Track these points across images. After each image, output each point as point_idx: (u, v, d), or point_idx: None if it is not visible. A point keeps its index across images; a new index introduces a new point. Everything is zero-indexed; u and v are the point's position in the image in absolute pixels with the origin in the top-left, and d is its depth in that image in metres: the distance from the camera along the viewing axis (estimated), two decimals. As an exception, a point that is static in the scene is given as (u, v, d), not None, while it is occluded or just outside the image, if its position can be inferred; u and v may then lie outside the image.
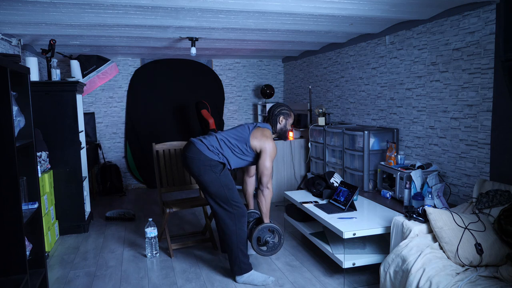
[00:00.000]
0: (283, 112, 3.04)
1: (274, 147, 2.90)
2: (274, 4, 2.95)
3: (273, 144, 2.90)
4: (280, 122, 3.04)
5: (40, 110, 3.75)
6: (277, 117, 3.03)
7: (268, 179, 2.88)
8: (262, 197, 2.90)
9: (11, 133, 2.03)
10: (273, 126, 3.05)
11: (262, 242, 2.93)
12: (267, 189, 2.89)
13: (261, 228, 2.91)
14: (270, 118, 3.06)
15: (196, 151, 2.83)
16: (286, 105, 3.10)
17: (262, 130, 2.96)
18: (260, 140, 2.89)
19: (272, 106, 3.10)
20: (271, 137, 2.95)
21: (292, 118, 3.10)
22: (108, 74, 4.93)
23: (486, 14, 2.83)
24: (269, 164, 2.87)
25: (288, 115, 3.06)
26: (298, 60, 6.19)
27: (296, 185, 5.21)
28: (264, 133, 2.93)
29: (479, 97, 2.92)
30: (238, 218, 2.85)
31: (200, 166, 2.81)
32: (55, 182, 3.90)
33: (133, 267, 3.25)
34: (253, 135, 2.91)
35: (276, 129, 3.06)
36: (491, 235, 2.29)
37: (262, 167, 2.87)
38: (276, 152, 2.92)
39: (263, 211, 2.94)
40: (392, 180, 3.44)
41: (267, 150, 2.87)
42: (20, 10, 2.95)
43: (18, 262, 2.10)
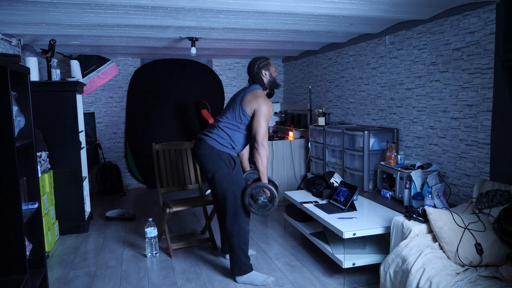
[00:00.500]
0: (262, 66, 2.94)
1: (267, 104, 2.82)
2: (274, 4, 2.95)
3: (265, 101, 2.82)
4: (264, 75, 2.94)
5: (40, 110, 3.75)
6: (259, 73, 2.94)
7: (262, 137, 2.80)
8: (258, 156, 2.82)
9: (11, 133, 2.03)
10: (261, 84, 2.96)
11: (254, 199, 2.84)
12: (263, 146, 2.80)
13: (256, 186, 2.83)
14: (254, 78, 2.96)
15: (208, 147, 2.84)
16: (260, 57, 2.99)
17: (252, 93, 2.87)
18: (252, 102, 2.82)
19: (248, 68, 2.98)
20: (263, 96, 2.86)
21: (273, 65, 2.99)
22: (108, 74, 4.93)
23: (486, 14, 2.83)
24: (263, 122, 2.79)
25: (267, 65, 2.95)
26: (298, 60, 6.19)
27: (296, 185, 5.21)
28: (255, 94, 2.85)
29: (479, 97, 2.92)
30: (241, 218, 2.85)
31: (215, 162, 2.82)
32: (55, 182, 3.90)
33: (133, 267, 3.25)
34: (245, 103, 2.83)
35: (265, 85, 2.97)
36: (491, 235, 2.29)
37: (256, 125, 2.80)
38: (271, 109, 2.84)
39: (260, 170, 2.86)
40: (392, 180, 3.44)
41: (260, 108, 2.79)
42: (20, 10, 2.95)
43: (18, 262, 2.09)
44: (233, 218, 2.84)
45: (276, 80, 3.02)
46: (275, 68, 3.02)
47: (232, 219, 2.84)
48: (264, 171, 2.87)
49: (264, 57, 3.00)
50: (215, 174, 2.83)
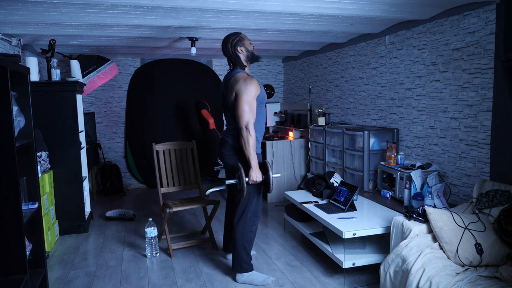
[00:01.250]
0: (235, 43, 2.79)
1: (247, 84, 2.65)
2: (274, 4, 2.95)
3: (244, 82, 2.66)
4: (240, 52, 2.80)
5: (40, 110, 3.75)
6: (235, 52, 2.79)
7: (246, 122, 2.63)
8: (241, 139, 2.67)
9: (11, 133, 2.03)
10: (238, 62, 2.81)
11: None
12: (246, 130, 2.64)
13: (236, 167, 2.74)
14: (231, 58, 2.82)
15: (230, 147, 2.85)
16: (231, 34, 2.84)
17: (233, 80, 2.74)
18: (233, 88, 2.70)
19: (222, 48, 2.83)
20: (243, 77, 2.70)
21: (246, 38, 2.84)
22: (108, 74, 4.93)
23: (486, 14, 2.83)
24: (244, 105, 2.63)
25: (240, 40, 2.80)
26: (298, 60, 6.19)
27: (296, 185, 5.21)
28: (236, 79, 2.72)
29: (479, 97, 2.92)
30: (249, 217, 2.85)
31: (236, 159, 2.81)
32: (55, 182, 3.90)
33: (133, 267, 3.25)
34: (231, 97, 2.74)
35: (243, 62, 2.82)
36: (491, 235, 2.29)
37: (236, 110, 2.66)
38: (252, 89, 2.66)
39: (246, 154, 2.68)
40: (392, 180, 3.44)
41: (239, 91, 2.66)
42: (20, 10, 2.95)
43: (18, 262, 2.10)
44: (241, 215, 2.85)
45: (254, 52, 2.86)
46: (249, 41, 2.86)
47: (240, 216, 2.85)
48: (251, 154, 2.68)
49: (236, 33, 2.85)
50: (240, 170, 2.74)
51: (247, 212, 2.85)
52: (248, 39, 2.87)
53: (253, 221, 2.89)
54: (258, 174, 2.72)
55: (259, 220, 2.97)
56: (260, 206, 2.93)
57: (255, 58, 2.87)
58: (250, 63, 2.89)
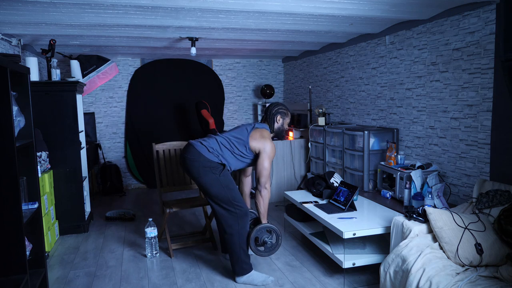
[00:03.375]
0: (280, 112, 3.08)
1: (273, 147, 2.93)
2: (274, 4, 2.95)
3: (271, 144, 2.92)
4: (277, 121, 3.07)
5: (40, 110, 3.75)
6: (274, 116, 3.07)
7: (266, 180, 2.89)
8: (260, 198, 2.91)
9: (11, 133, 2.03)
10: (271, 125, 3.07)
11: (260, 242, 2.93)
12: (265, 189, 2.90)
13: (259, 229, 2.91)
14: (268, 118, 3.09)
15: (196, 153, 2.83)
16: (283, 105, 3.13)
17: (260, 131, 2.97)
18: (259, 141, 2.91)
19: (269, 105, 3.12)
20: (269, 138, 2.97)
21: (289, 117, 3.15)
22: (108, 74, 4.93)
23: (486, 14, 2.83)
24: (267, 165, 2.89)
25: (285, 114, 3.10)
26: (298, 60, 6.19)
27: (296, 185, 5.21)
28: (263, 134, 2.95)
29: (479, 97, 2.92)
30: (240, 218, 2.85)
31: (200, 168, 2.81)
32: (55, 182, 3.90)
33: (133, 267, 3.25)
34: (252, 137, 2.92)
35: (273, 129, 3.08)
36: (491, 235, 2.29)
37: (260, 168, 2.88)
38: (275, 152, 2.95)
39: (261, 211, 2.95)
40: (392, 180, 3.44)
41: (266, 150, 2.89)
42: (20, 10, 2.95)
43: (18, 262, 2.10)
44: (231, 219, 2.84)
45: (284, 132, 3.14)
46: (289, 121, 3.16)
47: (229, 220, 2.84)
48: (265, 213, 2.95)
49: (286, 107, 3.13)
50: (201, 180, 2.83)
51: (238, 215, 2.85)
52: (290, 118, 3.16)
53: (247, 221, 2.90)
54: None
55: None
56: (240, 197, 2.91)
57: (281, 136, 3.16)
58: (275, 136, 3.13)
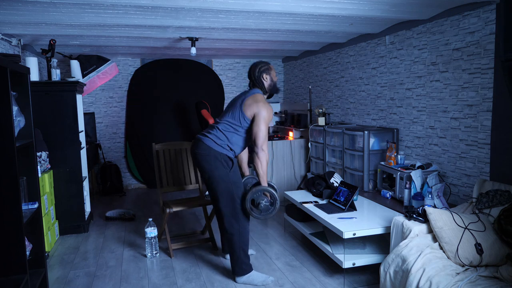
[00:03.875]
0: (263, 70, 2.96)
1: (268, 109, 2.84)
2: (274, 4, 2.95)
3: (265, 106, 2.84)
4: (265, 79, 2.97)
5: (40, 110, 3.75)
6: (260, 77, 2.96)
7: (262, 141, 2.81)
8: (258, 160, 2.83)
9: (11, 133, 2.03)
10: (261, 88, 2.98)
11: (255, 204, 2.86)
12: (262, 151, 2.81)
13: (256, 191, 2.85)
14: (255, 82, 2.99)
15: (206, 147, 2.84)
16: (262, 62, 3.02)
17: (253, 97, 2.88)
18: (252, 106, 2.83)
19: (249, 71, 3.00)
20: (263, 100, 2.88)
21: (273, 69, 3.02)
22: (108, 74, 4.93)
23: (486, 14, 2.83)
24: (263, 126, 2.81)
25: (268, 69, 2.98)
26: (298, 60, 6.19)
27: (296, 185, 5.21)
28: (255, 98, 2.87)
29: (479, 97, 2.92)
30: (241, 217, 2.86)
31: (212, 162, 2.81)
32: (55, 182, 3.90)
33: (133, 267, 3.25)
34: (246, 106, 2.85)
35: (265, 89, 2.99)
36: (491, 235, 2.29)
37: (256, 129, 2.81)
38: (271, 114, 2.86)
39: (260, 173, 2.86)
40: (392, 180, 3.44)
41: (260, 113, 2.81)
42: (20, 10, 2.95)
43: (18, 262, 2.09)
44: (233, 217, 2.84)
45: (276, 84, 3.05)
46: (275, 73, 3.05)
47: (231, 219, 2.85)
48: (264, 175, 2.88)
49: (265, 62, 3.02)
50: (212, 174, 2.83)
51: (239, 215, 2.85)
52: (275, 71, 3.04)
53: (246, 220, 2.90)
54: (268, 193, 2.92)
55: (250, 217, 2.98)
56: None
57: (275, 90, 3.05)
58: (269, 94, 3.04)
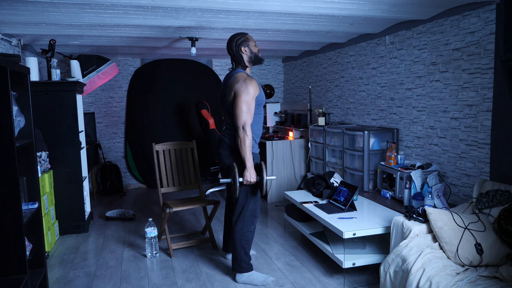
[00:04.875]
0: (240, 42, 2.81)
1: (246, 84, 2.67)
2: (274, 4, 2.95)
3: (244, 82, 2.67)
4: (244, 52, 2.83)
5: (40, 110, 3.75)
6: (238, 51, 2.82)
7: (243, 122, 2.64)
8: (238, 139, 2.67)
9: (11, 133, 2.03)
10: (241, 62, 2.84)
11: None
12: (242, 130, 2.65)
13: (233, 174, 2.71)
14: (234, 57, 2.85)
15: (227, 146, 2.86)
16: (237, 33, 2.87)
17: (233, 80, 2.75)
18: (232, 88, 2.72)
19: (227, 47, 2.87)
20: (243, 77, 2.72)
21: (252, 39, 2.86)
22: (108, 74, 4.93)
23: (486, 14, 2.83)
24: (242, 105, 2.65)
25: (245, 40, 2.82)
26: (298, 60, 6.19)
27: (296, 185, 5.21)
28: (236, 79, 2.73)
29: (479, 97, 2.92)
30: (247, 217, 2.86)
31: (232, 159, 2.82)
32: (55, 182, 3.90)
33: (133, 267, 3.25)
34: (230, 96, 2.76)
35: (246, 62, 2.85)
36: (491, 235, 2.29)
37: (234, 109, 2.67)
38: (251, 89, 2.67)
39: (242, 154, 2.69)
40: (392, 180, 3.44)
41: (238, 90, 2.67)
42: (20, 10, 2.95)
43: (18, 262, 2.10)
44: (239, 215, 2.85)
45: (259, 54, 2.88)
46: (255, 43, 2.88)
47: (238, 215, 2.85)
48: (247, 154, 2.68)
49: (242, 33, 2.87)
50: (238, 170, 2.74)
51: (245, 212, 2.85)
52: (254, 40, 2.89)
53: (251, 221, 2.89)
54: (253, 175, 2.72)
55: (258, 220, 2.97)
56: (258, 206, 2.92)
57: (258, 60, 2.89)
58: (253, 65, 2.92)
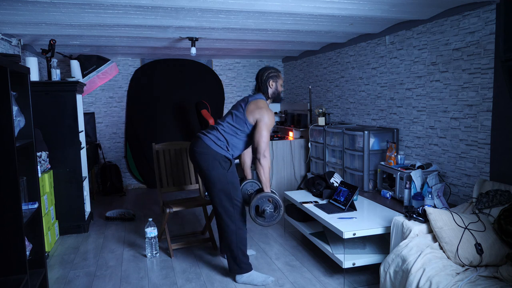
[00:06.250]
0: (271, 76, 2.99)
1: (270, 115, 2.86)
2: (274, 4, 2.95)
3: (268, 113, 2.86)
4: (270, 86, 2.99)
5: (40, 110, 3.75)
6: (266, 82, 2.99)
7: (265, 147, 2.83)
8: (260, 167, 2.84)
9: (11, 133, 2.03)
10: (265, 92, 3.00)
11: (260, 211, 2.84)
12: (264, 157, 2.83)
13: (260, 197, 2.83)
14: (260, 86, 3.01)
15: (205, 146, 2.84)
16: (272, 68, 3.05)
17: (255, 102, 2.91)
18: (255, 112, 2.86)
19: (258, 73, 3.03)
20: (266, 106, 2.90)
21: (281, 78, 3.06)
22: (108, 74, 4.93)
23: (486, 14, 2.83)
24: (265, 133, 2.83)
25: (276, 76, 3.01)
26: (298, 60, 6.19)
27: (296, 185, 5.21)
28: (258, 105, 2.89)
29: (479, 97, 2.92)
30: (238, 217, 2.86)
31: (210, 161, 2.82)
32: (55, 182, 3.90)
33: (133, 267, 3.25)
34: (248, 111, 2.87)
35: (268, 95, 3.01)
36: (491, 235, 2.29)
37: (258, 136, 2.83)
38: (273, 121, 2.89)
39: (263, 180, 2.87)
40: (392, 180, 3.44)
41: (263, 119, 2.83)
42: (20, 10, 2.95)
43: (18, 262, 2.10)
44: (229, 218, 2.85)
45: (280, 94, 3.09)
46: (282, 82, 3.09)
47: (227, 219, 2.85)
48: (267, 182, 2.89)
49: (276, 69, 3.06)
50: (209, 173, 2.83)
51: (235, 214, 2.85)
52: (282, 80, 3.09)
53: (243, 220, 2.90)
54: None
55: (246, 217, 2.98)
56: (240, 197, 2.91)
57: (278, 99, 3.12)
58: (272, 101, 3.08)
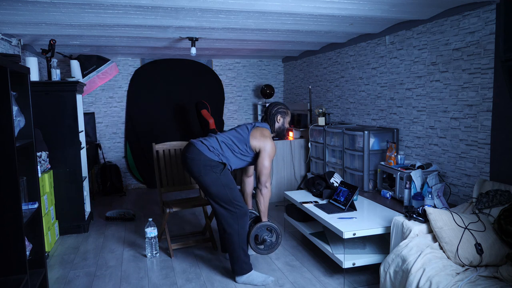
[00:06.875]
0: (280, 111, 3.08)
1: (273, 146, 2.93)
2: (274, 4, 2.95)
3: (272, 143, 2.93)
4: (277, 121, 3.08)
5: (40, 110, 3.75)
6: (274, 116, 3.07)
7: (266, 178, 2.90)
8: (261, 196, 2.92)
9: (11, 133, 2.03)
10: (271, 125, 3.08)
11: (260, 240, 2.93)
12: (266, 188, 2.91)
13: (259, 227, 2.92)
14: (268, 118, 3.09)
15: (197, 151, 2.84)
16: (283, 104, 3.14)
17: (261, 130, 2.98)
18: (259, 139, 2.92)
19: (269, 105, 3.12)
20: (270, 137, 2.98)
21: (289, 116, 3.15)
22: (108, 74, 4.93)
23: (486, 14, 2.83)
24: (268, 163, 2.89)
25: (285, 113, 3.10)
26: (298, 60, 6.19)
27: (296, 185, 5.21)
28: (263, 133, 2.96)
29: (479, 97, 2.92)
30: (240, 217, 2.86)
31: (201, 167, 2.81)
32: (55, 182, 3.90)
33: (133, 267, 3.25)
34: (252, 135, 2.93)
35: (274, 128, 3.09)
36: (491, 235, 2.29)
37: (260, 166, 2.89)
38: (275, 151, 2.96)
39: (262, 209, 2.95)
40: (392, 180, 3.44)
41: (266, 149, 2.90)
42: (20, 10, 2.95)
43: (18, 262, 2.10)
44: (231, 218, 2.85)
45: (285, 132, 3.16)
46: (289, 120, 3.16)
47: (229, 219, 2.85)
48: (266, 211, 2.96)
49: (286, 106, 3.13)
50: (202, 179, 2.83)
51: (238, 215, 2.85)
52: (290, 117, 3.16)
53: (246, 221, 2.91)
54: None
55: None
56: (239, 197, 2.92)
57: (282, 135, 3.17)
58: (275, 136, 3.13)
